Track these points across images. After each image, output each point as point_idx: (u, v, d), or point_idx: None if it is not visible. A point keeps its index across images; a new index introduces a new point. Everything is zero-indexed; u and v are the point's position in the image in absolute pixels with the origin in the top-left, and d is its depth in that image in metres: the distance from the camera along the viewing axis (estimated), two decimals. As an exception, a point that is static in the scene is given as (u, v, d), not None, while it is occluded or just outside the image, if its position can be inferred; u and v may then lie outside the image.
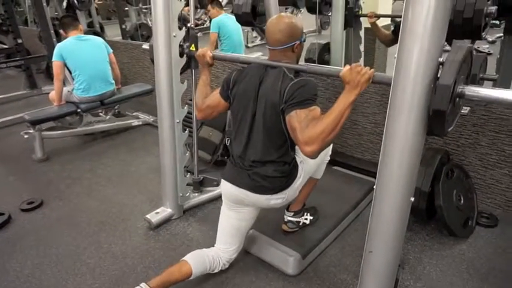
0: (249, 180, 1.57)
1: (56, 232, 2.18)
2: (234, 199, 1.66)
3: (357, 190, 2.30)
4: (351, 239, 2.02)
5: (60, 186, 2.68)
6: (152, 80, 3.18)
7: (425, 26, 1.14)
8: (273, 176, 1.55)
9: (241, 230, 1.74)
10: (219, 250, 1.74)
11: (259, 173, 1.56)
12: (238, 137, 1.62)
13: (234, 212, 1.71)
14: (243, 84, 1.59)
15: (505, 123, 2.01)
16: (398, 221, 1.35)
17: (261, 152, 1.55)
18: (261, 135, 1.54)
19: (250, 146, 1.58)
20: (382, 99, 2.44)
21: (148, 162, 2.97)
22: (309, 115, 1.38)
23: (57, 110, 3.18)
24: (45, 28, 4.02)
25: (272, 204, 1.63)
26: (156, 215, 2.20)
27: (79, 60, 3.11)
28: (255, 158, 1.56)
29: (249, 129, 1.57)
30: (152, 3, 1.93)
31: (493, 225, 2.05)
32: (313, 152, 1.33)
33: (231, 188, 1.63)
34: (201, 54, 1.82)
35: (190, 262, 1.64)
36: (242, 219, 1.71)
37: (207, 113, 1.74)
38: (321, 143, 1.32)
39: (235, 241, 1.74)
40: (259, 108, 1.53)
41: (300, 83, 1.44)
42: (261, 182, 1.56)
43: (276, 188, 1.58)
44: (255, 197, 1.59)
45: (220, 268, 1.73)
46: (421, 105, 1.22)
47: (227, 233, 1.74)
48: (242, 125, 1.60)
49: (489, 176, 2.15)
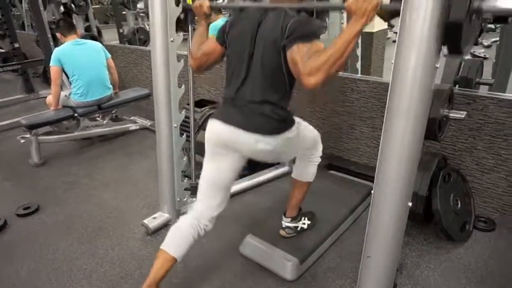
0: (242, 116, 1.50)
1: (53, 237, 2.16)
2: (219, 141, 1.56)
3: (354, 194, 2.31)
4: (348, 243, 2.02)
5: (56, 191, 2.67)
6: (150, 84, 3.18)
7: (422, 30, 1.15)
8: (269, 115, 1.47)
9: (224, 182, 1.64)
10: (199, 207, 1.66)
11: (255, 110, 1.48)
12: (233, 80, 1.54)
13: (216, 161, 1.61)
14: (240, 26, 1.53)
15: (501, 127, 2.02)
16: (396, 226, 1.35)
17: (258, 92, 1.48)
18: (258, 76, 1.47)
19: (246, 86, 1.50)
20: (379, 104, 2.45)
21: (146, 166, 2.96)
22: (311, 49, 1.30)
23: (54, 115, 3.16)
24: (42, 32, 4.02)
25: (259, 148, 1.51)
26: (153, 220, 2.19)
27: (77, 64, 3.10)
28: (252, 97, 1.49)
29: (246, 71, 1.49)
30: (150, 8, 1.93)
31: (490, 229, 2.05)
32: (316, 82, 1.26)
33: (219, 127, 1.54)
34: (199, 4, 1.75)
35: (170, 251, 1.57)
36: (224, 170, 1.61)
37: (202, 61, 1.65)
38: (325, 73, 1.24)
39: (217, 195, 1.65)
40: (258, 48, 1.46)
41: (303, 18, 1.38)
42: (255, 119, 1.48)
43: (268, 129, 1.48)
44: (243, 137, 1.49)
45: (203, 231, 1.65)
46: (419, 109, 1.22)
47: (209, 186, 1.65)
48: (238, 68, 1.52)
49: (486, 180, 2.16)
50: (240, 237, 2.00)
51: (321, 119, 2.76)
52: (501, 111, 2.00)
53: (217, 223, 2.23)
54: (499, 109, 2.00)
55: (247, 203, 2.45)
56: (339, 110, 2.65)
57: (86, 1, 5.11)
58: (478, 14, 1.19)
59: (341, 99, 2.61)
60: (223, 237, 2.11)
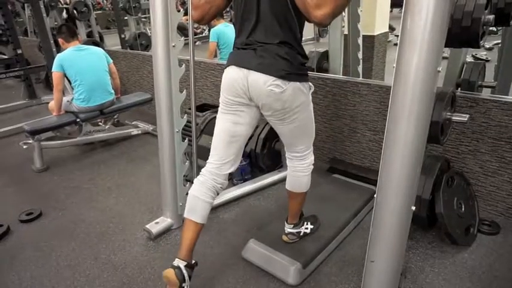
0: (256, 57, 1.46)
1: (55, 243, 2.16)
2: (232, 88, 1.53)
3: (357, 198, 2.30)
4: (352, 247, 2.01)
5: (59, 196, 2.67)
6: (151, 89, 3.19)
7: (423, 35, 1.15)
8: (283, 56, 1.44)
9: (237, 137, 1.62)
10: (214, 166, 1.65)
11: (269, 50, 1.45)
12: (243, 28, 1.51)
13: (230, 114, 1.59)
14: None
15: (504, 130, 2.01)
16: (400, 230, 1.35)
17: (271, 34, 1.44)
18: (269, 19, 1.44)
19: (258, 31, 1.47)
20: (381, 107, 2.45)
21: (148, 171, 2.96)
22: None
23: (57, 120, 3.18)
24: (45, 38, 4.05)
25: (269, 90, 1.46)
26: (155, 225, 2.18)
27: (79, 70, 3.12)
28: (265, 40, 1.45)
29: (256, 16, 1.46)
30: (151, 14, 1.94)
31: (495, 233, 2.04)
32: (324, 14, 1.27)
33: (231, 70, 1.52)
34: None
35: (195, 218, 1.65)
36: (238, 123, 1.59)
37: (205, 10, 1.57)
38: (333, 5, 1.26)
39: (229, 151, 1.63)
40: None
41: None
42: (269, 59, 1.44)
43: (281, 70, 1.44)
44: (256, 77, 1.45)
45: (221, 190, 1.70)
46: (421, 112, 1.22)
47: (222, 140, 1.62)
48: (246, 14, 1.48)
49: (490, 183, 2.15)
50: (242, 241, 2.00)
51: (323, 122, 2.76)
52: (504, 114, 1.99)
53: (219, 227, 2.24)
54: (502, 112, 1.99)
55: (250, 206, 2.45)
56: (341, 113, 2.65)
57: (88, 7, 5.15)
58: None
59: (343, 102, 2.61)
60: (226, 241, 2.10)
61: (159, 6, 1.89)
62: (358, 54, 3.43)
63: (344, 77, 3.02)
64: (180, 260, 1.61)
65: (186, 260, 1.62)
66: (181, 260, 1.61)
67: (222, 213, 2.38)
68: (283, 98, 1.49)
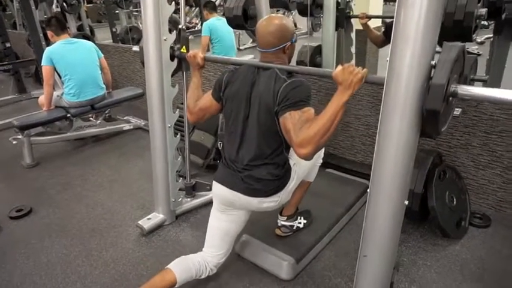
0: (242, 183, 1.55)
1: (46, 240, 2.13)
2: (225, 201, 1.63)
3: (350, 192, 2.30)
4: (345, 242, 2.02)
5: (50, 192, 2.64)
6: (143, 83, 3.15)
7: (417, 28, 1.13)
8: (266, 178, 1.54)
9: (231, 233, 1.70)
10: (207, 254, 1.70)
11: (253, 175, 1.54)
12: (231, 139, 1.61)
13: (224, 214, 1.68)
14: (235, 86, 1.57)
15: (495, 124, 2.02)
16: (393, 224, 1.35)
17: (255, 154, 1.53)
18: (254, 136, 1.53)
19: (243, 147, 1.56)
20: (374, 101, 2.44)
21: (140, 167, 2.94)
22: (302, 116, 1.37)
23: (47, 115, 3.13)
24: (34, 32, 3.97)
25: (265, 207, 1.61)
26: (148, 221, 2.17)
27: (69, 64, 3.07)
28: (249, 161, 1.54)
29: (242, 131, 1.55)
30: (142, 7, 1.91)
31: (485, 226, 2.06)
32: (307, 154, 1.32)
33: (222, 190, 1.61)
34: (192, 55, 1.82)
35: (175, 270, 1.59)
36: (232, 222, 1.68)
37: (199, 116, 1.73)
38: (315, 145, 1.31)
39: (224, 245, 1.70)
40: (253, 110, 1.52)
41: (294, 84, 1.44)
42: (254, 185, 1.54)
43: (269, 190, 1.56)
44: (247, 200, 1.57)
45: (207, 274, 1.68)
46: (414, 106, 1.21)
47: (216, 236, 1.70)
48: (235, 126, 1.58)
49: (481, 176, 2.16)
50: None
51: (316, 117, 2.75)
52: (495, 108, 1.99)
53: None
54: (494, 106, 2.00)
55: (243, 202, 2.44)
56: (334, 108, 2.64)
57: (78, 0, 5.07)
58: (454, 96, 1.20)
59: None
60: (219, 237, 2.09)
61: (149, 1, 1.86)
62: (351, 48, 3.42)
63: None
64: None
65: None
66: None
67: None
68: (281, 201, 1.64)
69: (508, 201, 2.11)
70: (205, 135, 2.80)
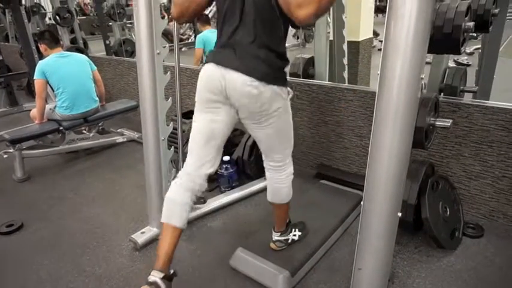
0: (234, 57, 1.44)
1: (37, 255, 2.10)
2: (209, 85, 1.51)
3: (344, 204, 2.30)
4: (340, 253, 2.01)
5: (41, 207, 2.60)
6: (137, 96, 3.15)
7: (407, 40, 1.16)
8: (262, 59, 1.43)
9: (215, 135, 1.57)
10: (191, 169, 1.60)
11: (250, 51, 1.44)
12: (225, 29, 1.49)
13: (206, 113, 1.56)
14: None
15: (486, 134, 2.05)
16: (387, 236, 1.35)
17: (253, 36, 1.43)
18: (252, 20, 1.42)
19: (239, 31, 1.45)
20: (366, 113, 2.47)
21: (134, 180, 2.92)
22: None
23: (39, 128, 3.11)
24: (26, 45, 3.97)
25: (246, 91, 1.44)
26: (141, 235, 2.14)
27: (62, 77, 3.06)
28: (246, 40, 1.44)
29: (239, 16, 1.44)
30: (135, 21, 1.92)
31: (479, 236, 2.07)
32: (307, 14, 1.23)
33: (211, 68, 1.49)
34: None
35: (173, 222, 1.56)
36: (215, 121, 1.56)
37: (184, 6, 1.53)
38: (317, 4, 1.21)
39: (209, 151, 1.59)
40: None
41: None
42: (248, 61, 1.43)
43: (259, 72, 1.43)
44: (233, 76, 1.43)
45: (200, 192, 1.63)
46: (405, 118, 1.23)
47: (200, 140, 1.58)
48: (230, 14, 1.46)
49: (473, 186, 2.18)
50: (230, 249, 1.97)
51: (309, 128, 2.77)
52: (485, 119, 2.02)
53: (206, 235, 2.21)
54: (484, 116, 2.03)
55: (237, 214, 2.43)
56: (327, 119, 2.66)
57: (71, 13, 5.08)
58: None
59: (329, 108, 2.62)
60: (213, 250, 2.07)
61: (143, 14, 1.87)
62: (343, 60, 3.47)
63: (330, 82, 3.04)
64: (156, 272, 1.49)
65: (163, 271, 1.50)
66: (158, 272, 1.49)
67: (209, 221, 2.35)
68: (261, 100, 1.47)
69: (500, 211, 2.13)
70: (199, 147, 2.79)
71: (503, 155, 2.03)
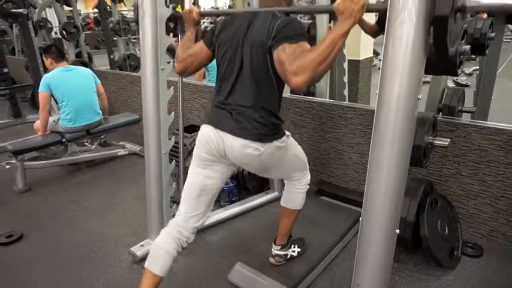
0: (231, 121, 1.48)
1: (36, 267, 2.10)
2: (207, 146, 1.55)
3: (344, 220, 2.31)
4: (339, 270, 2.01)
5: (41, 218, 2.61)
6: (139, 109, 3.20)
7: (404, 61, 1.19)
8: (258, 120, 1.46)
9: (208, 190, 1.60)
10: (181, 218, 1.62)
11: (245, 114, 1.47)
12: (223, 85, 1.54)
13: (202, 168, 1.59)
14: (230, 30, 1.53)
15: (484, 154, 2.07)
16: (385, 253, 1.36)
17: (249, 96, 1.47)
18: (248, 80, 1.47)
19: (236, 91, 1.50)
20: (366, 130, 2.50)
21: (134, 192, 2.93)
22: (297, 49, 1.31)
23: (41, 140, 3.14)
24: (32, 58, 4.04)
25: (246, 153, 1.49)
26: (140, 247, 2.14)
27: (66, 90, 3.11)
28: (242, 102, 1.48)
29: (236, 75, 1.49)
30: (141, 38, 1.98)
31: (478, 255, 2.07)
32: (302, 81, 1.25)
33: (209, 131, 1.54)
34: (188, 10, 1.78)
35: (155, 270, 1.57)
36: (210, 178, 1.59)
37: (187, 63, 1.65)
38: (311, 72, 1.24)
39: (199, 205, 1.61)
40: (246, 52, 1.46)
41: (289, 19, 1.40)
42: (244, 124, 1.47)
43: (257, 134, 1.47)
44: (231, 141, 1.48)
45: (185, 244, 1.64)
46: (404, 136, 1.26)
47: (192, 194, 1.61)
48: (228, 72, 1.51)
49: (472, 205, 2.19)
50: (229, 264, 1.97)
51: (310, 144, 2.80)
52: (483, 139, 2.05)
53: (205, 250, 2.21)
54: (481, 136, 2.05)
55: (237, 229, 2.43)
56: (327, 136, 2.69)
57: (78, 28, 5.18)
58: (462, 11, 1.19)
59: (329, 125, 2.66)
60: (212, 264, 2.07)
61: (148, 31, 1.93)
62: (344, 78, 3.51)
63: (330, 100, 3.08)
64: None
65: None
66: None
67: (208, 236, 2.35)
68: (262, 159, 1.52)
69: (499, 231, 2.13)
70: (200, 161, 2.81)
71: (501, 175, 2.05)
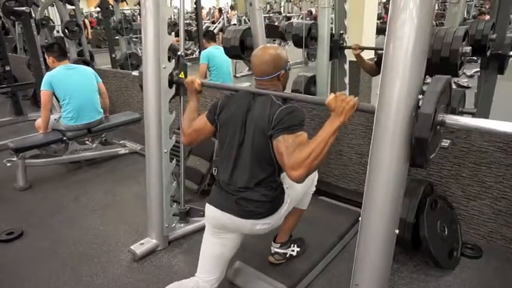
0: (235, 205, 1.56)
1: (35, 264, 2.10)
2: (218, 224, 1.63)
3: (343, 220, 2.31)
4: (338, 270, 2.01)
5: (42, 215, 2.62)
6: (140, 108, 3.19)
7: (405, 62, 1.20)
8: (260, 200, 1.55)
9: (224, 257, 1.69)
10: (200, 280, 1.68)
11: (246, 197, 1.55)
12: (225, 163, 1.62)
13: (217, 238, 1.67)
14: (230, 111, 1.61)
15: (484, 155, 2.07)
16: (384, 253, 1.36)
17: (249, 177, 1.55)
18: (248, 160, 1.55)
19: (237, 171, 1.58)
20: (366, 131, 2.50)
21: (134, 191, 2.93)
22: (295, 140, 1.41)
23: (43, 138, 3.15)
24: (34, 56, 4.05)
25: (257, 229, 1.60)
26: (140, 246, 2.15)
27: (68, 88, 3.12)
28: (242, 184, 1.56)
29: (236, 155, 1.58)
30: (143, 37, 1.98)
31: (477, 256, 2.07)
32: (299, 176, 1.35)
33: (216, 213, 1.61)
34: (190, 81, 1.87)
35: None
36: (225, 246, 1.67)
37: (193, 138, 1.75)
38: (307, 168, 1.34)
39: (216, 270, 1.68)
40: (248, 134, 1.55)
41: (288, 109, 1.48)
42: (248, 207, 1.55)
43: (262, 212, 1.57)
44: (240, 222, 1.57)
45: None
46: (403, 136, 1.26)
47: (209, 261, 1.69)
48: (229, 151, 1.60)
49: (471, 207, 2.19)
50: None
51: (310, 145, 2.80)
52: (483, 140, 2.05)
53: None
54: (482, 138, 2.06)
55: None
56: (328, 136, 2.69)
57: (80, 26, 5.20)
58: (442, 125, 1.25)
59: (330, 125, 2.65)
60: (212, 264, 2.08)
61: (150, 30, 1.94)
62: (345, 79, 3.52)
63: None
64: None
65: None
66: None
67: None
68: (274, 224, 1.64)
69: (498, 232, 2.13)
70: (201, 160, 2.82)
71: (501, 177, 2.05)
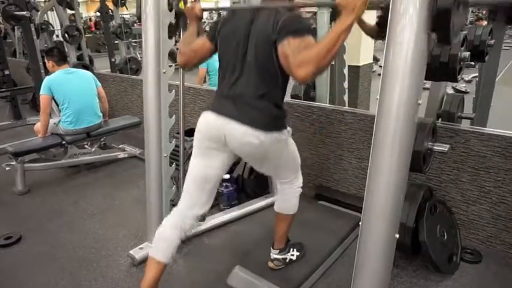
0: (234, 107, 1.50)
1: (34, 269, 2.09)
2: (206, 134, 1.58)
3: (343, 225, 2.31)
4: (337, 274, 2.01)
5: (40, 220, 2.61)
6: (140, 112, 3.20)
7: (404, 67, 1.21)
8: (262, 110, 1.49)
9: (209, 179, 1.63)
10: (184, 207, 1.65)
11: (249, 102, 1.49)
12: (226, 79, 1.55)
13: (200, 157, 1.62)
14: (233, 23, 1.55)
15: (483, 160, 2.08)
16: (384, 258, 1.36)
17: (253, 87, 1.49)
18: (253, 72, 1.48)
19: (240, 82, 1.51)
20: (366, 135, 2.51)
21: (134, 195, 2.93)
22: (302, 43, 1.32)
23: (42, 142, 3.14)
24: (34, 60, 4.05)
25: (246, 141, 1.50)
26: (139, 250, 2.14)
27: (67, 93, 3.12)
28: (246, 91, 1.50)
29: (240, 68, 1.51)
30: (143, 41, 1.99)
31: (477, 261, 2.07)
32: (306, 74, 1.28)
33: (210, 117, 1.56)
34: (190, 7, 1.80)
35: (158, 257, 1.61)
36: (210, 166, 1.61)
37: (190, 56, 1.69)
38: (315, 65, 1.26)
39: (202, 194, 1.64)
40: (251, 46, 1.48)
41: (294, 15, 1.42)
42: (247, 111, 1.49)
43: (259, 122, 1.48)
44: (233, 126, 1.49)
45: (189, 231, 1.68)
46: (403, 143, 1.27)
47: (196, 182, 1.64)
48: (231, 65, 1.53)
49: (471, 211, 2.20)
50: (228, 268, 1.97)
51: (309, 149, 2.80)
52: (482, 145, 2.06)
53: (204, 253, 2.21)
54: (481, 142, 2.06)
55: (236, 233, 2.43)
56: (327, 140, 2.70)
57: (80, 31, 5.21)
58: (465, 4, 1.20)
59: (329, 130, 2.67)
60: (211, 267, 2.07)
61: (151, 35, 1.94)
62: (344, 83, 3.53)
63: (330, 105, 3.10)
64: None
65: None
66: None
67: (207, 239, 2.35)
68: (262, 148, 1.53)
69: (497, 237, 2.14)
70: (200, 165, 2.82)
71: (500, 181, 2.06)
